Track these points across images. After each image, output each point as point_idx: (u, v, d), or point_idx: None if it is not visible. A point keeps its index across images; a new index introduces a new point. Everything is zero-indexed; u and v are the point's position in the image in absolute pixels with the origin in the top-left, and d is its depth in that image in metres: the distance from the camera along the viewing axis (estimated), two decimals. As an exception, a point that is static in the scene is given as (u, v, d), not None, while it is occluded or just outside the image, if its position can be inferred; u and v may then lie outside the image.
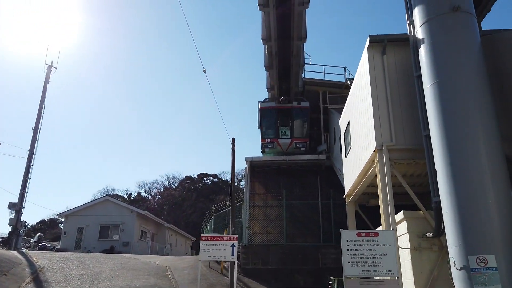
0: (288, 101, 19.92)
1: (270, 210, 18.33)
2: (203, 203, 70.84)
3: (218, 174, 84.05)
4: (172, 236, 37.84)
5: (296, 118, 20.00)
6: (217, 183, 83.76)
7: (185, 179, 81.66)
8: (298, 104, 19.98)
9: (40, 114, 25.50)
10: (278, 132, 19.98)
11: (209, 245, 12.35)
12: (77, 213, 30.86)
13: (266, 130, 20.32)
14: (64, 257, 16.63)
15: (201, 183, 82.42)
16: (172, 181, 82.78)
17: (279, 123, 20.07)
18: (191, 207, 70.35)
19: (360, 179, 11.10)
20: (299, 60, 17.80)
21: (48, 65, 25.77)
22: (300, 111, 20.04)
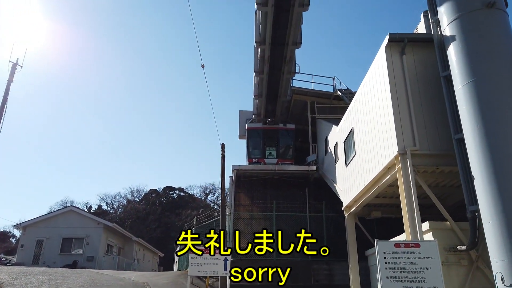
0: (274, 123, 20.44)
1: (255, 223, 17.33)
2: (168, 217, 68.39)
3: (185, 188, 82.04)
4: (139, 251, 35.67)
5: (282, 139, 20.59)
6: (183, 197, 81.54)
7: (150, 192, 78.88)
8: (284, 126, 20.68)
9: (1, 116, 23.34)
10: (264, 153, 20.33)
11: (199, 258, 11.18)
12: (37, 224, 28.32)
13: (253, 150, 20.73)
14: (25, 272, 14.74)
15: (167, 196, 79.89)
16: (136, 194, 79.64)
17: (265, 144, 20.49)
18: (156, 222, 67.68)
19: (368, 189, 10.39)
20: (291, 67, 17.17)
21: (13, 63, 23.73)
22: (286, 133, 20.72)
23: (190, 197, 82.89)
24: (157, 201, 75.09)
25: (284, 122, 21.16)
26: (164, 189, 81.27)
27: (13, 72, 24.11)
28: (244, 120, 27.02)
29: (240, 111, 27.22)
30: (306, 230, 16.25)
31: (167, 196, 79.95)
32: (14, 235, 68.46)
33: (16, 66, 23.97)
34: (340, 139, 13.51)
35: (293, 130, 20.89)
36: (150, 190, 79.91)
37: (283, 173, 18.01)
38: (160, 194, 79.72)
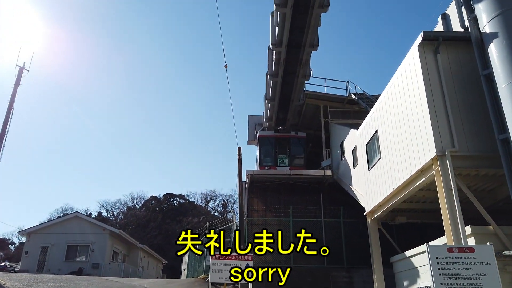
0: (286, 130, 20.53)
1: (270, 229, 16.90)
2: (169, 224, 67.83)
3: (185, 195, 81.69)
4: (144, 258, 35.14)
5: (293, 147, 20.57)
6: (184, 204, 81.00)
7: (150, 199, 78.38)
8: (296, 133, 20.77)
9: (8, 120, 22.99)
10: (276, 160, 20.28)
11: (220, 265, 10.82)
12: (41, 231, 27.86)
13: (265, 157, 20.69)
14: (35, 279, 14.31)
15: (167, 203, 79.35)
16: (137, 201, 79.23)
17: (277, 152, 20.54)
18: (157, 229, 67.15)
19: (396, 193, 10.05)
20: (306, 70, 16.93)
21: (20, 67, 23.46)
22: (298, 141, 20.78)
23: (191, 204, 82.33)
24: (157, 208, 74.51)
25: (295, 130, 21.16)
26: (164, 196, 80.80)
27: (20, 76, 23.86)
28: (253, 125, 26.77)
29: (249, 116, 26.98)
30: (322, 236, 16.10)
31: (168, 203, 79.42)
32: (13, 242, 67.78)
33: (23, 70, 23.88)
34: (361, 142, 13.19)
35: (304, 138, 20.98)
36: (151, 197, 79.42)
37: (297, 178, 17.67)
38: (161, 201, 79.22)
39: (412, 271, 9.98)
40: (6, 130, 23.16)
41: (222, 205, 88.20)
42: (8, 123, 23.29)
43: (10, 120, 23.32)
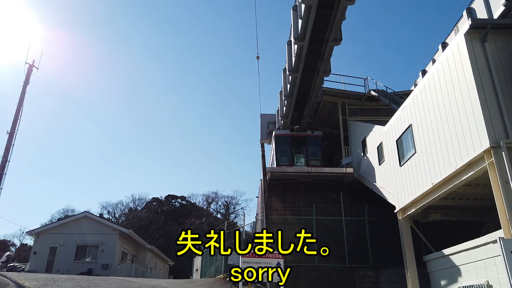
0: (302, 129, 20.35)
1: (289, 227, 16.53)
2: (171, 226, 67.45)
3: (187, 197, 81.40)
4: (152, 259, 34.71)
5: (310, 146, 20.34)
6: (186, 205, 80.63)
7: (152, 201, 78.02)
8: (312, 133, 20.52)
9: (17, 118, 22.62)
10: (293, 160, 20.07)
11: (251, 263, 10.43)
12: (50, 231, 27.48)
13: (281, 157, 20.19)
14: (52, 279, 13.93)
15: (169, 205, 78.99)
16: (138, 202, 78.89)
17: (293, 151, 20.39)
18: (159, 230, 66.76)
19: (435, 189, 9.68)
20: (326, 66, 16.57)
21: (29, 64, 23.15)
22: (314, 140, 20.53)
23: (193, 205, 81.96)
24: (159, 210, 74.13)
25: (311, 128, 20.79)
26: (166, 197, 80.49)
27: (29, 74, 23.53)
28: (266, 124, 26.44)
29: (262, 115, 26.65)
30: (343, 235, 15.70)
31: (169, 205, 79.05)
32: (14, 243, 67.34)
33: (32, 68, 23.50)
34: (390, 138, 12.82)
35: (321, 137, 20.74)
36: (152, 199, 79.07)
37: (317, 176, 17.28)
38: (162, 202, 78.86)
39: (451, 269, 9.60)
40: (16, 128, 22.79)
41: (224, 206, 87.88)
42: (18, 121, 22.93)
43: (20, 118, 22.98)
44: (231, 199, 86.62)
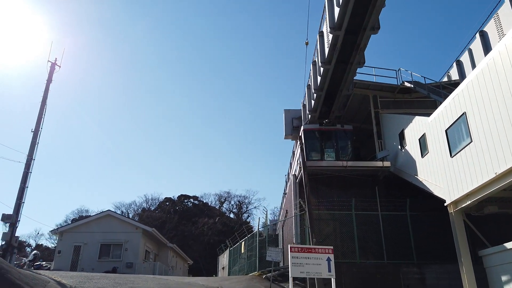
0: (331, 123, 19.76)
1: (323, 223, 16.10)
2: (185, 226, 67.50)
3: (199, 196, 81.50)
4: (173, 258, 34.51)
5: (340, 140, 19.75)
6: (198, 205, 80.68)
7: (165, 201, 78.22)
8: (342, 126, 19.91)
9: (41, 116, 22.48)
10: (323, 154, 19.61)
11: (300, 258, 10.03)
12: (74, 230, 27.39)
13: (310, 152, 19.49)
14: (87, 277, 13.69)
15: (182, 205, 79.08)
16: (151, 203, 79.12)
17: (323, 145, 19.82)
18: (173, 230, 66.81)
19: (498, 179, 9.13)
20: (361, 56, 16.05)
21: (52, 63, 23.02)
22: (344, 134, 19.91)
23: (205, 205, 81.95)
24: (172, 210, 74.22)
25: (341, 122, 20.27)
26: (179, 197, 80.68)
27: (52, 72, 23.39)
28: (290, 119, 25.95)
29: (285, 110, 26.14)
30: (380, 231, 15.18)
31: (182, 205, 79.17)
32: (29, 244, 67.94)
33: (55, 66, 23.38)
34: (436, 128, 12.27)
35: (351, 131, 20.14)
36: (165, 199, 79.29)
37: (352, 170, 16.78)
38: (175, 202, 79.02)
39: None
40: (40, 126, 22.67)
41: (236, 206, 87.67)
42: (42, 119, 22.79)
43: (44, 116, 22.86)
44: (244, 198, 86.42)
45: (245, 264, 18.07)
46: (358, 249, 14.29)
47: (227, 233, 67.58)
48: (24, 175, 20.80)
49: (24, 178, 20.70)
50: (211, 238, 66.07)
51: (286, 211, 20.21)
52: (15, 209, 19.63)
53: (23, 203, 20.35)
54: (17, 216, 19.66)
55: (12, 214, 19.54)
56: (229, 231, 68.95)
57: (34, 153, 21.02)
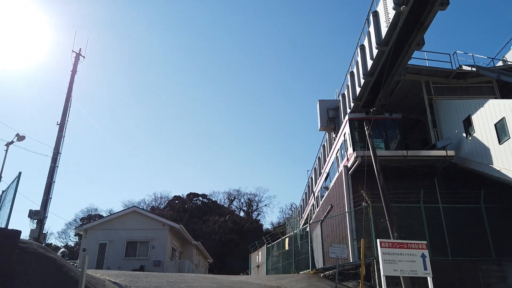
0: (379, 112, 18.32)
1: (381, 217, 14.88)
2: (195, 224, 66.59)
3: (208, 195, 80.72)
4: (196, 256, 33.47)
5: (389, 130, 18.58)
6: (207, 203, 79.84)
7: (174, 199, 77.45)
8: (390, 115, 18.71)
9: (67, 108, 21.47)
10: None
11: (392, 254, 8.84)
12: (99, 227, 26.41)
13: (358, 142, 18.35)
14: (131, 275, 12.61)
15: (191, 203, 78.29)
16: (160, 201, 78.30)
17: (371, 135, 18.33)
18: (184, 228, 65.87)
19: None
20: (422, 36, 14.83)
21: (76, 53, 22.00)
22: (393, 123, 18.71)
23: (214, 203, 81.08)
24: (181, 208, 73.34)
25: (388, 111, 19.02)
26: (188, 195, 79.89)
27: (77, 63, 22.33)
28: (325, 110, 24.79)
29: (320, 101, 25.00)
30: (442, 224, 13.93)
31: (191, 203, 78.37)
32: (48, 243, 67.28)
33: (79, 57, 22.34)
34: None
35: (400, 119, 18.94)
36: (174, 197, 78.49)
37: (413, 160, 15.55)
38: (184, 200, 78.21)
39: None
40: (66, 118, 21.63)
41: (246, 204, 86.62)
42: (67, 111, 21.77)
43: (69, 109, 21.83)
44: (254, 196, 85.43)
45: (291, 262, 16.90)
46: (439, 243, 13.04)
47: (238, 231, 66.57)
48: (51, 170, 19.79)
49: (51, 173, 19.70)
50: (222, 236, 65.22)
51: (331, 206, 19.00)
52: (43, 205, 18.63)
53: (50, 199, 19.37)
54: (44, 212, 18.66)
55: (39, 210, 18.54)
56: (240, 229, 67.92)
57: (60, 147, 20.06)
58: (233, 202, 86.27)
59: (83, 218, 67.71)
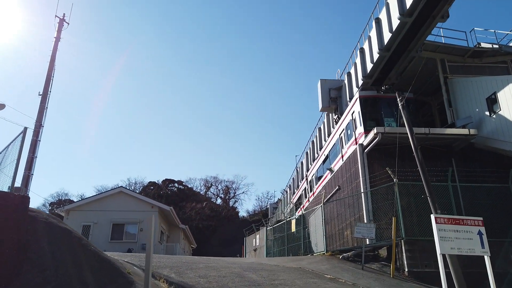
0: (391, 90, 17.76)
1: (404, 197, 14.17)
2: (172, 211, 65.13)
3: (184, 181, 79.39)
4: (183, 240, 32.23)
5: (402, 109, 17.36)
6: (183, 190, 78.56)
7: (149, 185, 75.74)
8: (402, 94, 17.59)
9: (50, 77, 19.66)
10: (382, 124, 17.49)
11: (448, 231, 8.05)
12: (82, 208, 24.66)
13: (369, 121, 17.43)
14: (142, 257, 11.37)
15: (167, 189, 76.73)
16: (135, 187, 76.18)
17: (383, 114, 17.75)
18: (160, 215, 64.40)
19: None
20: (448, 8, 14.07)
21: (60, 18, 20.12)
22: (405, 102, 17.60)
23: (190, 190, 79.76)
24: (156, 194, 71.62)
25: (400, 90, 18.34)
26: (163, 181, 78.25)
27: (60, 29, 20.48)
28: (327, 90, 23.88)
29: (322, 80, 24.04)
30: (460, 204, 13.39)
31: (167, 189, 76.75)
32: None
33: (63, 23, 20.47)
34: None
35: (412, 99, 18.26)
36: (149, 183, 76.71)
37: (433, 138, 14.89)
38: (160, 186, 76.51)
39: None
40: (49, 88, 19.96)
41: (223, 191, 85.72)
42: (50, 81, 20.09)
43: (53, 78, 20.17)
44: (231, 183, 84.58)
45: (299, 244, 16.06)
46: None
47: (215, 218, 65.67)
48: (32, 144, 18.04)
49: (32, 147, 17.95)
50: (199, 223, 64.36)
51: (338, 188, 18.22)
52: (24, 182, 16.95)
53: (32, 175, 17.68)
54: (26, 190, 16.96)
55: (21, 187, 16.80)
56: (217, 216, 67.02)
57: (43, 118, 18.34)
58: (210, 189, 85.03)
59: (52, 203, 64.85)
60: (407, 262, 11.27)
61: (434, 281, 10.86)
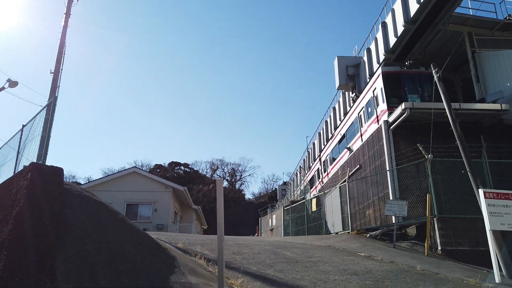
0: (414, 66, 17.22)
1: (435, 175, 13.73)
2: (178, 192, 65.44)
3: (190, 164, 79.66)
4: (195, 220, 32.20)
5: (425, 85, 17.12)
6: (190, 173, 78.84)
7: (155, 167, 76.04)
8: (426, 70, 17.10)
9: (61, 55, 19.08)
10: (406, 101, 16.75)
11: (498, 206, 7.66)
12: (96, 187, 24.50)
13: (392, 98, 16.75)
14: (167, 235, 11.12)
15: (173, 172, 77.02)
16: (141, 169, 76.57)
17: (406, 90, 17.13)
18: (167, 197, 64.76)
19: None
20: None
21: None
22: (429, 78, 16.99)
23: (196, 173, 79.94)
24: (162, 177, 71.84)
25: (423, 65, 17.67)
26: (169, 164, 78.57)
27: (70, 5, 19.89)
28: (344, 68, 23.25)
29: (339, 57, 23.37)
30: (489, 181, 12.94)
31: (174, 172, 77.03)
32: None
33: (73, 0, 19.91)
34: None
35: None
36: (156, 165, 76.98)
37: (464, 113, 14.35)
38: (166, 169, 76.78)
39: None
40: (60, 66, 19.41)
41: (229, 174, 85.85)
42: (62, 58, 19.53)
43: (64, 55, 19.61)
44: (237, 166, 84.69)
45: (321, 223, 15.79)
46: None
47: (222, 200, 66.00)
48: (45, 123, 17.75)
49: (45, 126, 17.67)
50: (206, 205, 64.74)
51: (359, 166, 17.81)
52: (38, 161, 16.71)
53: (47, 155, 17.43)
54: (44, 167, 16.72)
55: (45, 163, 16.58)
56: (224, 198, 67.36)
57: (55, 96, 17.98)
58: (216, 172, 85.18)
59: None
60: (440, 241, 10.94)
61: (469, 259, 10.56)
